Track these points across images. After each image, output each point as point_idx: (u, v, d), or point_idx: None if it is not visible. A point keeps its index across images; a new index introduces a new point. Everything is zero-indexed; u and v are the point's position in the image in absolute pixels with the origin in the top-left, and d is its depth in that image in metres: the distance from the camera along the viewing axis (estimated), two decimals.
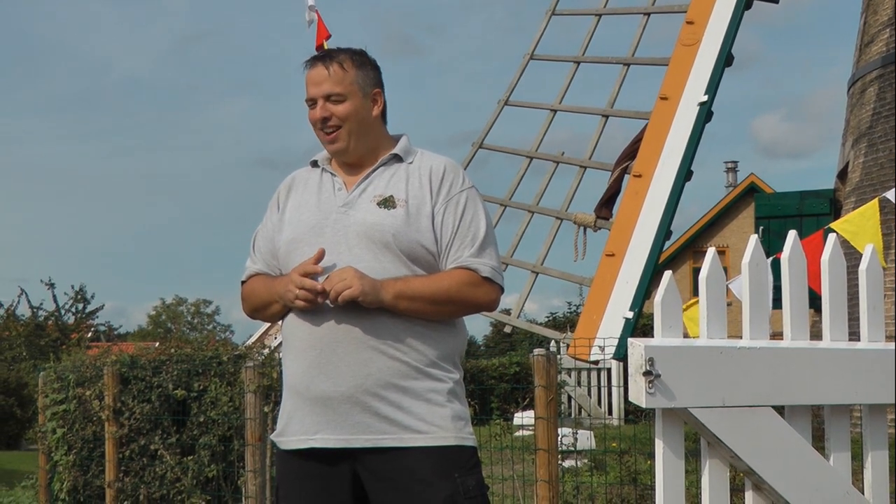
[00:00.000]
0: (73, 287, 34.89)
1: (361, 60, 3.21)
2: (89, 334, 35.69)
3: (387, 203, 3.07)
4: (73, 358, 11.05)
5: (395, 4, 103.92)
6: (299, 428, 3.04)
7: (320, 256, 2.99)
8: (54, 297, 34.20)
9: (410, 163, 3.18)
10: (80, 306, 34.66)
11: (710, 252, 2.98)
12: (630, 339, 2.80)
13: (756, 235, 3.08)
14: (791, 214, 15.36)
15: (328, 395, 2.97)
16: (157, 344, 13.35)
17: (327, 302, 2.97)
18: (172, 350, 9.60)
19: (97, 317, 35.74)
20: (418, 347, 3.01)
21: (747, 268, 2.98)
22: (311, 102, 3.17)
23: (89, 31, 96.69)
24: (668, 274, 2.92)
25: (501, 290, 3.15)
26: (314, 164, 3.28)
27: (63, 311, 34.35)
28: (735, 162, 35.81)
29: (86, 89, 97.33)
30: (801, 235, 3.31)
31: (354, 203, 3.10)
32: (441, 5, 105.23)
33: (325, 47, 10.85)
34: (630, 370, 2.77)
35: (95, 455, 9.57)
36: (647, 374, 2.73)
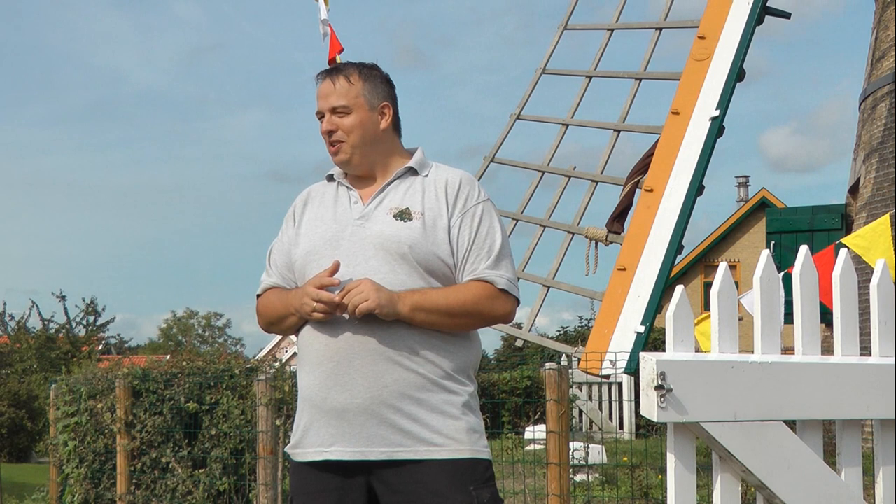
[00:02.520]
0: (84, 299, 35.03)
1: (370, 74, 3.23)
2: (100, 347, 35.76)
3: (403, 215, 3.09)
4: (85, 370, 11.09)
5: (405, 18, 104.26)
6: (315, 440, 3.05)
7: (335, 268, 3.01)
8: (65, 309, 34.32)
9: (426, 175, 3.20)
10: (91, 319, 34.74)
11: (722, 266, 2.99)
12: (642, 354, 2.81)
13: (767, 251, 3.09)
14: (802, 229, 15.33)
15: (344, 407, 2.98)
16: (168, 357, 13.37)
17: (343, 314, 2.99)
18: (184, 363, 9.62)
19: (108, 329, 35.85)
20: (434, 360, 3.01)
21: (759, 283, 2.99)
22: (320, 115, 3.20)
23: (104, 42, 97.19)
24: (679, 288, 2.93)
25: (517, 301, 3.16)
26: (330, 177, 3.30)
27: (74, 324, 34.44)
28: (746, 176, 35.76)
29: (100, 100, 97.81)
30: (813, 250, 3.31)
31: (371, 215, 3.12)
32: (451, 19, 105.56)
33: (338, 61, 10.89)
34: (642, 384, 2.78)
35: (107, 468, 9.59)
36: (658, 388, 2.74)
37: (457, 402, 3.03)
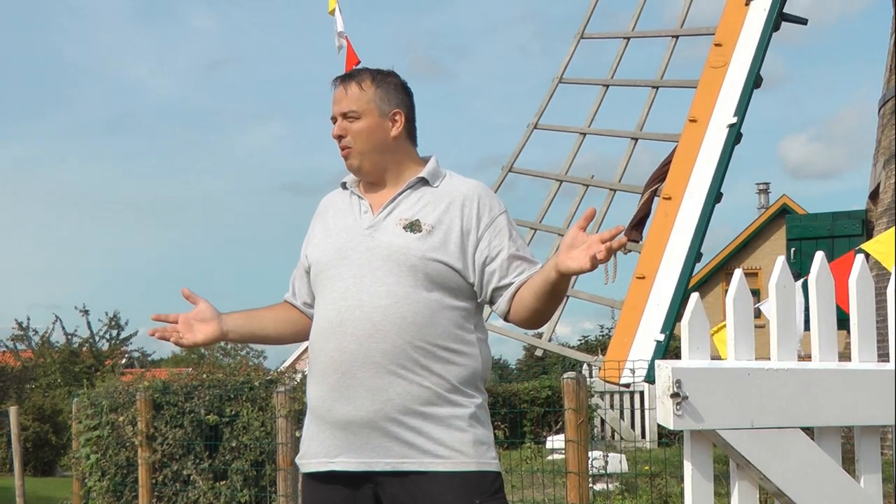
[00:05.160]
0: (106, 313, 35.07)
1: (383, 80, 3.22)
2: (123, 360, 35.86)
3: (413, 227, 3.07)
4: (107, 384, 11.14)
5: (420, 29, 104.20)
6: (320, 450, 3.05)
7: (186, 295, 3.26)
8: (88, 323, 34.37)
9: (437, 186, 3.18)
10: (115, 332, 34.79)
11: (737, 274, 2.98)
12: (657, 361, 2.81)
13: (783, 257, 3.08)
14: (823, 236, 15.24)
15: (349, 419, 2.97)
16: (190, 370, 13.42)
17: (348, 326, 3.00)
18: (204, 375, 9.66)
19: (131, 343, 35.88)
20: (439, 372, 2.99)
21: (774, 289, 2.98)
22: (333, 121, 3.21)
23: (121, 55, 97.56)
24: (694, 296, 2.92)
25: None
26: (343, 185, 3.30)
27: (97, 338, 34.53)
28: (767, 183, 35.63)
29: (117, 113, 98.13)
30: (833, 257, 3.30)
31: (380, 226, 3.10)
32: (466, 29, 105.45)
33: None
34: (657, 392, 2.78)
35: (129, 480, 9.63)
36: (674, 395, 2.73)
37: (463, 414, 3.00)
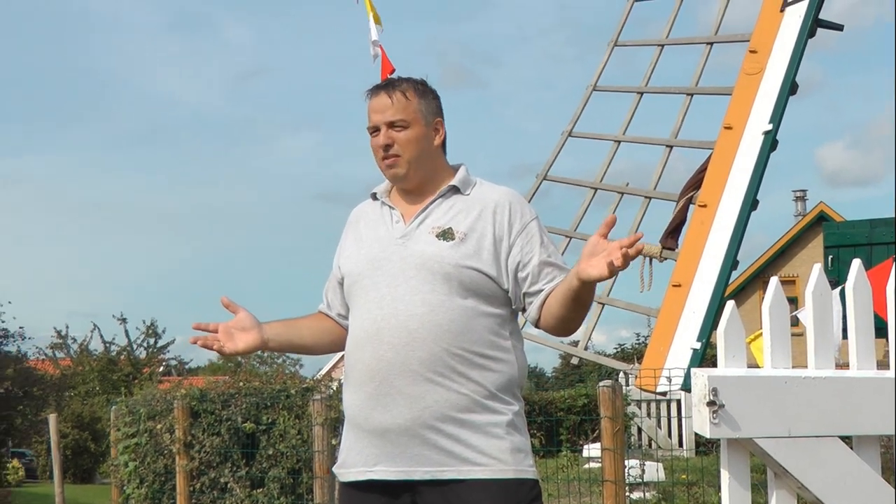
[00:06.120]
0: (144, 322, 35.40)
1: (423, 90, 3.24)
2: (161, 369, 36.12)
3: (445, 235, 3.08)
4: (145, 392, 11.22)
5: (452, 37, 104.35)
6: (359, 459, 3.05)
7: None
8: (126, 332, 34.73)
9: (469, 194, 3.19)
10: (152, 341, 35.11)
11: (773, 281, 2.97)
12: (693, 369, 2.80)
13: (820, 265, 3.07)
14: (861, 243, 15.10)
15: (386, 427, 2.98)
16: (227, 378, 13.50)
17: (384, 335, 3.01)
18: (241, 383, 9.71)
19: (168, 351, 36.20)
20: (476, 379, 2.99)
21: (811, 297, 2.97)
22: (374, 130, 3.19)
23: (155, 66, 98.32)
24: (730, 304, 2.92)
25: None
26: (374, 196, 3.31)
27: (135, 346, 34.84)
28: (804, 190, 35.41)
29: (152, 124, 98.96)
30: (872, 264, 3.29)
31: (412, 235, 3.11)
32: (499, 37, 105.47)
33: None
34: (694, 400, 2.77)
35: (167, 488, 9.70)
36: (710, 403, 2.73)
37: (501, 421, 3.00)
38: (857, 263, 3.06)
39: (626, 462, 6.61)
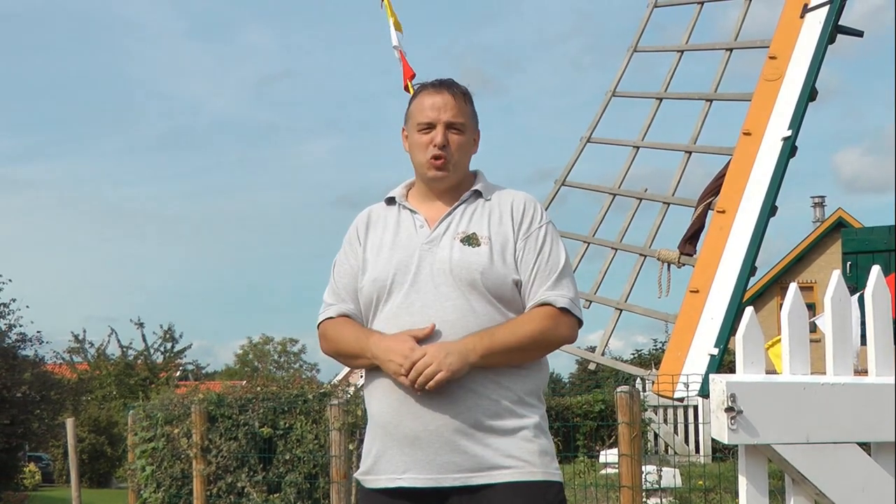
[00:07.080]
0: (161, 326, 35.49)
1: (470, 98, 3.24)
2: (177, 373, 36.20)
3: (470, 240, 3.08)
4: (162, 396, 11.25)
5: (471, 43, 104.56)
6: (388, 467, 3.02)
7: (430, 332, 2.98)
8: (143, 336, 34.83)
9: (490, 199, 3.19)
10: (169, 345, 35.19)
11: (792, 287, 2.96)
12: (711, 375, 2.80)
13: (838, 271, 3.05)
14: (880, 249, 15.05)
15: (416, 434, 2.96)
16: (244, 382, 13.54)
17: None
18: (258, 388, 9.73)
19: (185, 356, 36.26)
20: (506, 384, 3.00)
21: (830, 303, 2.96)
22: (427, 127, 3.15)
23: (178, 72, 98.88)
24: (749, 310, 2.91)
25: (580, 321, 3.12)
26: (390, 200, 3.27)
27: (152, 351, 34.92)
28: (822, 197, 35.35)
29: (174, 130, 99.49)
30: (890, 270, 3.27)
31: (438, 240, 3.10)
32: (517, 42, 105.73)
33: (410, 87, 10.99)
34: (712, 406, 2.76)
35: (184, 492, 9.71)
36: (728, 409, 2.72)
37: (529, 425, 3.00)
38: (875, 269, 3.05)
39: (642, 468, 6.60)
